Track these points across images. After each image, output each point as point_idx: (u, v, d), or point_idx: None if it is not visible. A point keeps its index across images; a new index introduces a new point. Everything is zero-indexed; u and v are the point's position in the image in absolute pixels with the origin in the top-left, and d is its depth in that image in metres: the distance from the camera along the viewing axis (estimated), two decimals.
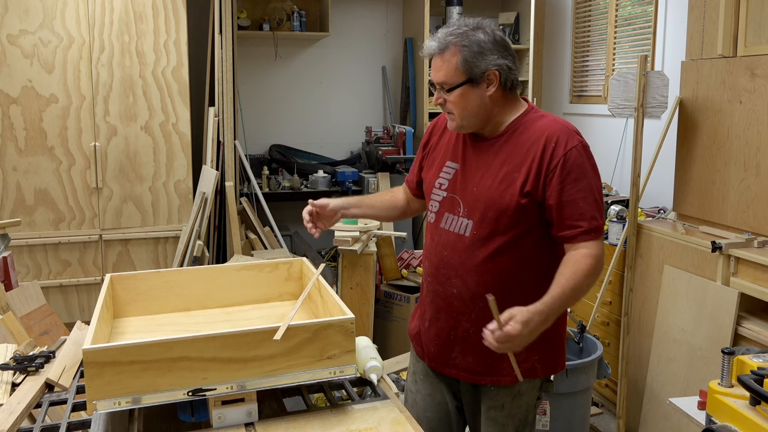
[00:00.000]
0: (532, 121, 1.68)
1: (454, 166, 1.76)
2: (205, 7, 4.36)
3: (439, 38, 1.65)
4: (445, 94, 1.66)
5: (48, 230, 3.95)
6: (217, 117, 4.06)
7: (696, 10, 3.04)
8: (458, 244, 1.70)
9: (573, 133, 1.63)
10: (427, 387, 1.88)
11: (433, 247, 1.78)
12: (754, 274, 2.51)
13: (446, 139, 1.82)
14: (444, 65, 1.64)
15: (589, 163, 1.63)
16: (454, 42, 1.62)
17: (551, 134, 1.63)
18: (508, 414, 1.74)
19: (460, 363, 1.75)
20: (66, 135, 3.90)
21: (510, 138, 1.68)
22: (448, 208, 1.74)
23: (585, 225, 1.60)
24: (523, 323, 1.47)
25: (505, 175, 1.65)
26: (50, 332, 2.62)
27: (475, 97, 1.64)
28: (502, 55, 1.64)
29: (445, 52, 1.63)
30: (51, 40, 3.82)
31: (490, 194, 1.65)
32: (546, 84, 5.02)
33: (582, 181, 1.60)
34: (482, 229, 1.66)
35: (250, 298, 1.88)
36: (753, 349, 1.87)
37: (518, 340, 1.48)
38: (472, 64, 1.61)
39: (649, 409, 3.00)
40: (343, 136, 5.15)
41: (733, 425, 1.58)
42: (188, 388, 1.35)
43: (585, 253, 1.61)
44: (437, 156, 1.83)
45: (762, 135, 2.67)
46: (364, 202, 2.03)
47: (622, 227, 3.21)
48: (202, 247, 3.79)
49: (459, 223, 1.71)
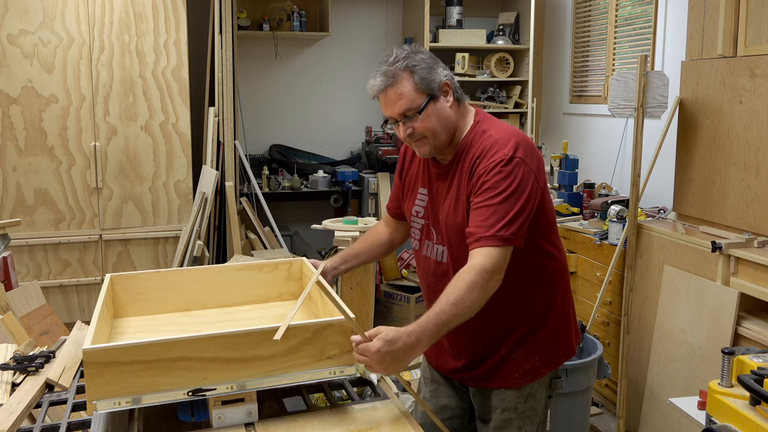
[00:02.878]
0: (476, 138, 1.65)
1: (425, 192, 1.77)
2: (205, 7, 4.36)
3: (384, 71, 1.61)
4: (412, 122, 1.62)
5: (48, 230, 3.95)
6: (217, 117, 4.06)
7: (696, 10, 3.04)
8: (437, 271, 1.74)
9: (502, 146, 1.57)
10: (432, 390, 1.91)
11: (421, 273, 1.82)
12: (754, 274, 2.51)
13: (415, 165, 1.82)
14: (402, 94, 1.59)
15: (514, 175, 1.54)
16: (402, 68, 1.60)
17: (480, 150, 1.61)
18: (523, 415, 1.76)
19: (466, 372, 1.78)
20: (66, 135, 3.90)
21: (460, 159, 1.67)
22: (426, 235, 1.77)
23: (481, 232, 1.52)
24: (387, 341, 1.37)
25: (457, 198, 1.65)
26: (50, 332, 2.62)
27: (442, 111, 1.63)
28: (444, 67, 1.66)
29: (397, 81, 1.59)
30: (51, 40, 3.82)
31: (451, 219, 1.66)
32: (546, 84, 5.02)
33: (494, 192, 1.54)
34: (455, 254, 1.67)
35: (250, 298, 1.88)
36: (753, 349, 1.87)
37: (379, 357, 1.36)
38: (429, 80, 1.61)
39: (649, 409, 3.00)
40: (343, 136, 5.16)
41: (733, 425, 1.58)
42: (188, 388, 1.35)
43: (471, 266, 1.51)
44: (411, 182, 1.83)
45: (762, 135, 2.67)
46: (348, 255, 1.94)
47: (622, 227, 3.21)
48: (202, 247, 3.79)
49: (435, 249, 1.74)
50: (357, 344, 1.39)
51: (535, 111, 4.64)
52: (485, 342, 1.73)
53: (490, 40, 4.90)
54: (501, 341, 1.72)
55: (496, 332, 1.72)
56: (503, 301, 1.63)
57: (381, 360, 1.36)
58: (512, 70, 4.87)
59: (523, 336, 1.72)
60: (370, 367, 1.40)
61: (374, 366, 1.38)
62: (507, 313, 1.70)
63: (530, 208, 1.57)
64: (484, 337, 1.73)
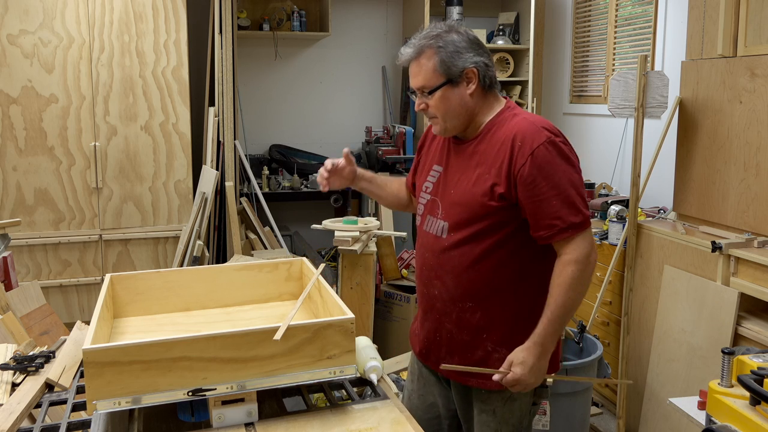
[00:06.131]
0: (505, 121, 1.67)
1: (438, 170, 1.78)
2: (205, 7, 4.36)
3: (414, 44, 1.65)
4: (426, 98, 1.66)
5: (48, 230, 3.95)
6: (217, 117, 4.06)
7: (696, 10, 3.04)
8: (435, 246, 1.72)
9: (541, 130, 1.59)
10: (421, 387, 1.89)
11: (418, 248, 1.82)
12: (754, 274, 2.51)
13: (436, 143, 1.84)
14: (422, 69, 1.64)
15: (561, 157, 1.58)
16: (429, 45, 1.62)
17: (518, 134, 1.60)
18: (501, 419, 1.73)
19: (447, 363, 1.73)
20: (66, 135, 3.90)
21: (484, 138, 1.67)
22: (430, 210, 1.76)
23: (560, 223, 1.56)
24: (521, 365, 1.58)
25: (478, 177, 1.65)
26: (50, 332, 2.62)
27: (456, 97, 1.64)
28: (478, 53, 1.65)
29: (421, 56, 1.63)
30: (51, 40, 3.82)
31: (464, 196, 1.66)
32: (546, 84, 5.02)
33: (553, 178, 1.56)
34: (456, 231, 1.67)
35: (250, 298, 1.88)
36: (753, 349, 1.87)
37: (526, 379, 1.58)
38: (450, 64, 1.62)
39: (649, 409, 3.00)
40: (343, 136, 5.15)
41: (733, 425, 1.58)
42: (188, 388, 1.35)
43: (566, 261, 1.58)
44: (427, 160, 1.85)
45: (762, 135, 2.67)
46: (377, 179, 2.01)
47: (622, 227, 3.21)
48: (202, 247, 3.79)
49: (437, 225, 1.73)
50: (504, 381, 1.59)
51: (535, 111, 4.64)
52: (470, 329, 1.70)
53: (490, 40, 4.90)
54: (486, 334, 1.69)
55: (483, 319, 1.68)
56: (496, 286, 1.66)
57: (528, 378, 1.58)
58: (512, 70, 4.87)
59: (509, 333, 1.68)
60: (525, 388, 1.62)
61: (529, 386, 1.61)
62: (497, 299, 1.67)
63: (582, 181, 1.64)
64: (470, 323, 1.69)
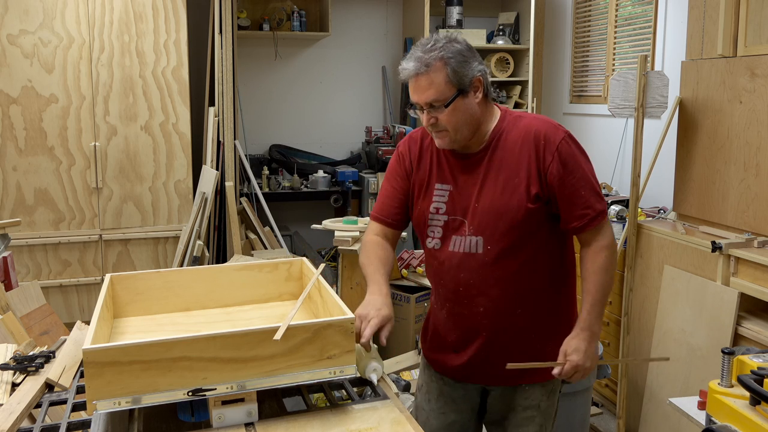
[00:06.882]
0: (513, 124, 1.67)
1: (446, 188, 1.71)
2: (205, 7, 4.36)
3: (418, 57, 1.58)
4: (437, 112, 1.60)
5: (48, 230, 3.95)
6: (217, 117, 4.06)
7: (696, 10, 3.04)
8: (472, 264, 1.67)
9: (557, 127, 1.67)
10: (441, 405, 1.85)
11: (445, 271, 1.72)
12: (754, 274, 2.51)
13: (425, 163, 1.76)
14: (432, 83, 1.57)
15: (579, 150, 1.67)
16: (438, 57, 1.57)
17: (538, 132, 1.64)
18: (545, 413, 1.76)
19: (497, 372, 1.71)
20: (66, 135, 3.90)
21: (497, 146, 1.66)
22: (454, 230, 1.69)
23: (591, 212, 1.64)
24: (575, 351, 1.64)
25: (506, 183, 1.64)
26: (50, 332, 2.62)
27: (467, 108, 1.62)
28: (479, 61, 1.64)
29: (430, 69, 1.57)
30: (51, 40, 3.82)
31: (496, 206, 1.64)
32: (546, 84, 5.02)
33: (578, 170, 1.64)
34: (495, 243, 1.65)
35: (250, 298, 1.88)
36: (753, 349, 1.87)
37: (583, 364, 1.64)
38: (461, 74, 1.59)
39: (649, 409, 3.00)
40: (343, 136, 5.16)
41: (733, 425, 1.58)
42: (188, 388, 1.35)
43: (598, 248, 1.66)
44: (423, 182, 1.76)
45: (762, 135, 2.67)
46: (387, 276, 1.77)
47: (622, 227, 3.21)
48: (202, 247, 3.79)
49: (468, 242, 1.67)
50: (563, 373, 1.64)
51: (535, 111, 4.64)
52: (522, 334, 1.71)
53: (490, 40, 4.90)
54: (534, 333, 1.71)
55: (530, 320, 1.71)
56: (539, 285, 1.70)
57: (584, 364, 1.64)
58: (512, 70, 4.87)
59: (553, 326, 1.73)
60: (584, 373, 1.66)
61: (587, 371, 1.66)
62: (543, 297, 1.71)
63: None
64: (521, 328, 1.71)
